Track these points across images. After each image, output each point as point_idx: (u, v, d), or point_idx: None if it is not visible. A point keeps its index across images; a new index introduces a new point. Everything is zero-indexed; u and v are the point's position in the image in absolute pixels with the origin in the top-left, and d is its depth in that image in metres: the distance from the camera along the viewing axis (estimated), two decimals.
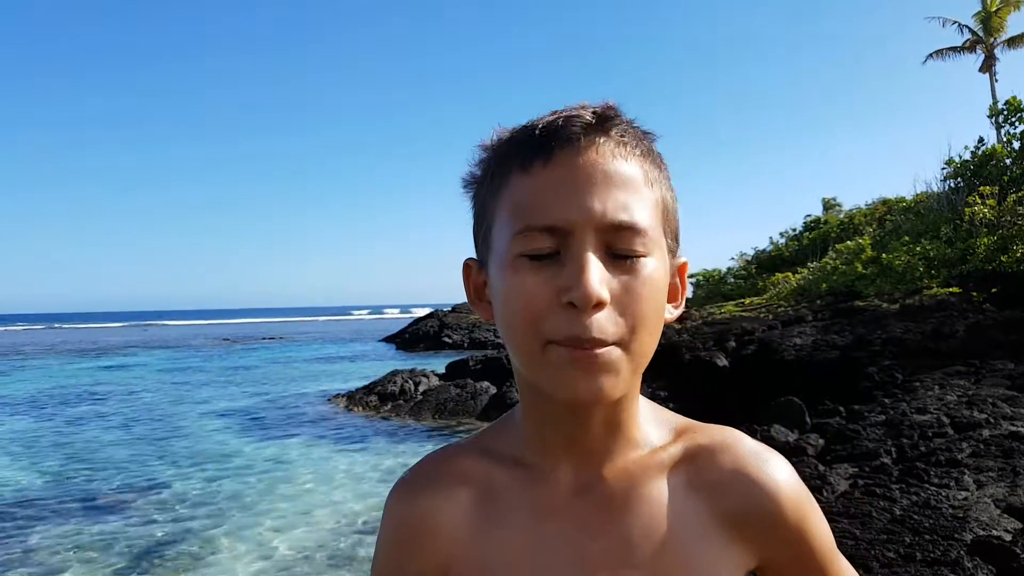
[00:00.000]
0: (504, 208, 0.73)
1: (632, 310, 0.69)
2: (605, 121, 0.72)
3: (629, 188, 0.71)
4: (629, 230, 0.69)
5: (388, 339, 40.46)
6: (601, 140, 0.71)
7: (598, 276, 0.67)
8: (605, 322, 0.67)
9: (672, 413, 0.86)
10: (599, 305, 0.66)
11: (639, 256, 0.70)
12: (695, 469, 0.79)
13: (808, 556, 0.80)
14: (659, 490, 0.78)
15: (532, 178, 0.71)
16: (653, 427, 0.82)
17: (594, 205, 0.68)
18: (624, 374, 0.69)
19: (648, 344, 0.71)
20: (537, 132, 0.72)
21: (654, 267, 0.71)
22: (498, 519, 0.79)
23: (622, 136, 0.72)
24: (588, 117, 0.71)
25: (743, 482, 0.78)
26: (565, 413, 0.76)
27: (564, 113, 0.72)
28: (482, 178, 0.79)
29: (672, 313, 0.78)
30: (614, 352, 0.68)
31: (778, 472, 0.79)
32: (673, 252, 0.78)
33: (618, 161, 0.71)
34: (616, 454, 0.79)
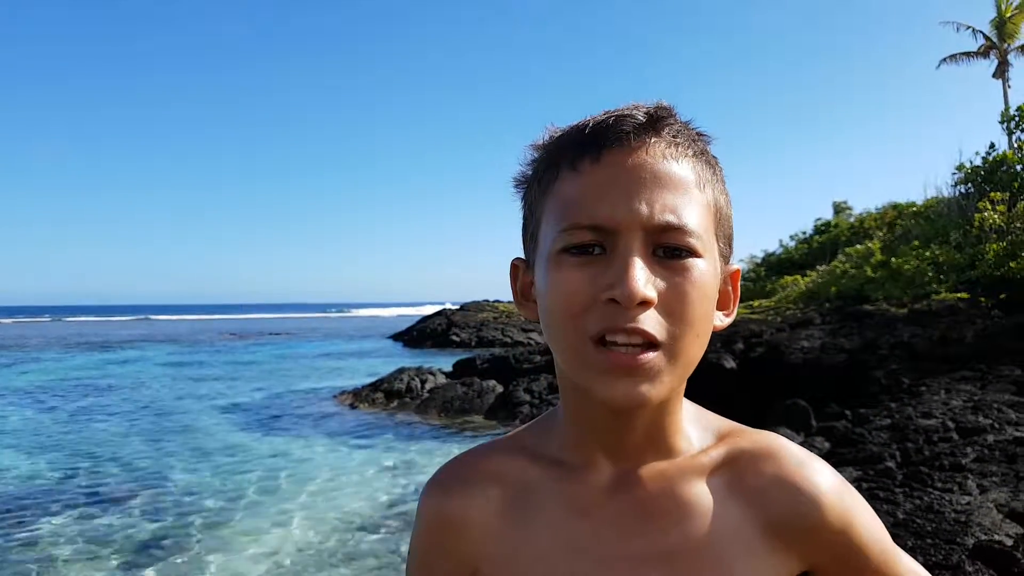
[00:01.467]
0: (552, 206, 0.73)
1: (679, 312, 0.67)
2: (657, 121, 0.71)
3: (679, 190, 0.70)
4: (677, 232, 0.68)
5: (395, 336, 40.51)
6: (652, 140, 0.71)
7: (643, 275, 0.66)
8: (649, 321, 0.66)
9: (716, 416, 0.84)
10: (644, 304, 0.65)
11: (688, 256, 0.69)
12: (737, 474, 0.77)
13: (860, 556, 0.77)
14: (698, 494, 0.76)
15: (581, 177, 0.70)
16: (695, 429, 0.80)
17: (642, 206, 0.68)
18: (666, 380, 0.68)
19: (694, 350, 0.70)
20: (588, 131, 0.71)
21: (704, 269, 0.69)
22: (531, 517, 0.78)
23: (674, 137, 0.72)
24: (640, 117, 0.71)
25: (785, 489, 0.76)
26: (606, 414, 0.75)
27: (616, 112, 0.72)
28: (532, 177, 0.78)
29: (723, 321, 0.77)
30: (658, 359, 0.67)
31: (821, 478, 0.77)
32: (726, 257, 0.77)
33: (669, 162, 0.70)
34: (658, 455, 0.77)
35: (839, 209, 35.85)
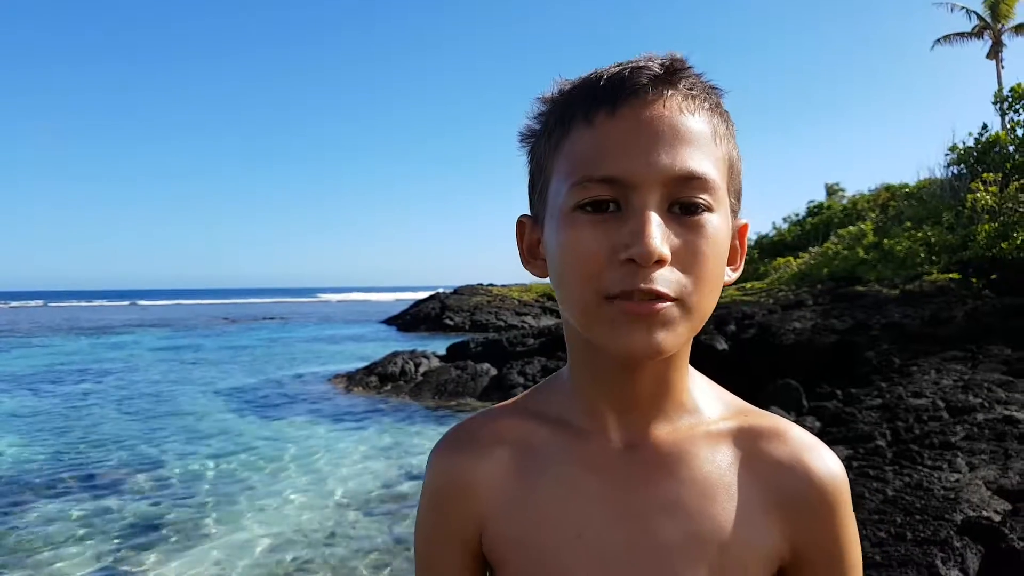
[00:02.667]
0: (564, 161, 0.71)
1: (694, 268, 0.68)
2: (673, 73, 0.70)
3: (697, 143, 0.69)
4: (696, 184, 0.68)
5: (388, 320, 40.44)
6: (669, 93, 0.69)
7: (660, 233, 0.65)
8: (665, 279, 0.66)
9: (729, 393, 0.85)
10: (660, 262, 0.65)
11: (704, 211, 0.68)
12: (746, 448, 0.78)
13: (837, 560, 0.77)
14: (708, 458, 0.77)
15: (595, 130, 0.69)
16: (709, 400, 0.81)
17: (660, 159, 0.67)
18: (681, 330, 0.68)
19: (707, 303, 0.70)
20: (602, 83, 0.70)
21: (718, 224, 0.69)
22: (538, 475, 0.79)
23: (691, 89, 0.71)
24: (656, 69, 0.69)
25: (792, 470, 0.77)
26: (616, 369, 0.75)
27: (630, 64, 0.70)
28: (541, 131, 0.77)
29: (731, 276, 0.77)
30: (673, 308, 0.67)
31: (832, 465, 0.78)
32: (736, 212, 0.76)
33: (686, 115, 0.69)
34: (665, 417, 0.78)
35: (832, 191, 35.93)
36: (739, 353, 11.78)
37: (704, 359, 11.97)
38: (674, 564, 0.73)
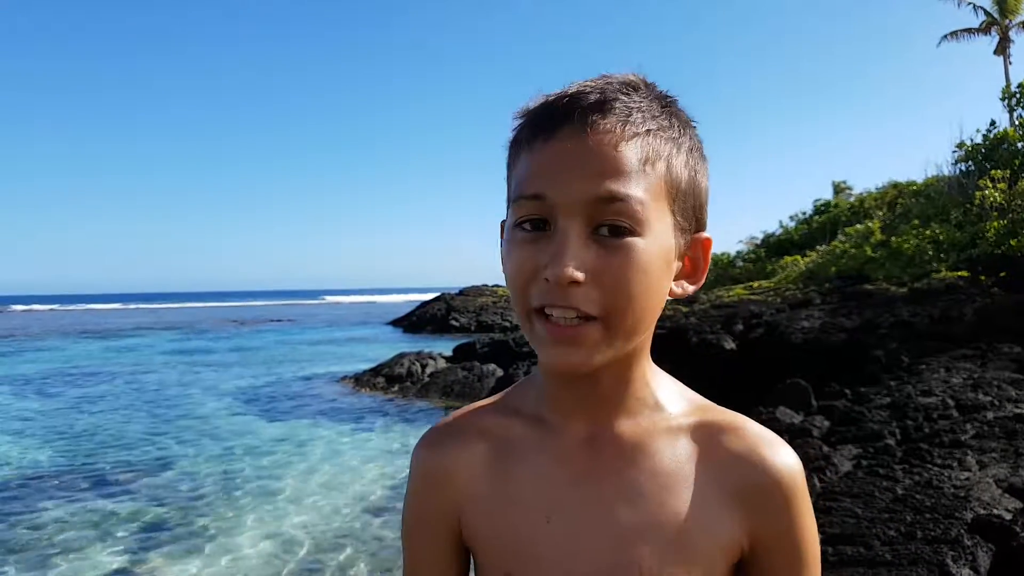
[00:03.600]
0: (512, 181, 0.78)
1: (616, 289, 0.71)
2: (606, 103, 0.73)
3: (623, 169, 0.71)
4: (616, 208, 0.71)
5: (395, 322, 40.53)
6: (601, 122, 0.72)
7: (574, 255, 0.70)
8: (580, 299, 0.70)
9: (692, 392, 0.89)
10: (574, 283, 0.70)
11: (627, 234, 0.71)
12: (705, 441, 0.82)
13: (794, 550, 0.80)
14: (669, 451, 0.81)
15: (533, 154, 0.74)
16: (671, 397, 0.85)
17: (581, 183, 0.71)
18: (605, 349, 0.73)
19: (635, 320, 0.74)
20: (544, 111, 0.75)
21: (644, 247, 0.72)
22: (512, 465, 0.84)
23: (625, 117, 0.73)
24: (592, 97, 0.73)
25: (753, 462, 0.80)
26: (560, 375, 0.81)
27: (571, 91, 0.74)
28: (510, 146, 0.82)
29: (688, 288, 0.81)
30: (594, 328, 0.72)
31: (788, 458, 0.81)
32: (684, 229, 0.78)
33: (612, 144, 0.72)
34: (626, 412, 0.82)
35: (839, 189, 35.77)
36: (747, 352, 11.75)
37: (712, 359, 11.97)
38: (635, 548, 0.77)
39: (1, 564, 6.31)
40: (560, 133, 0.73)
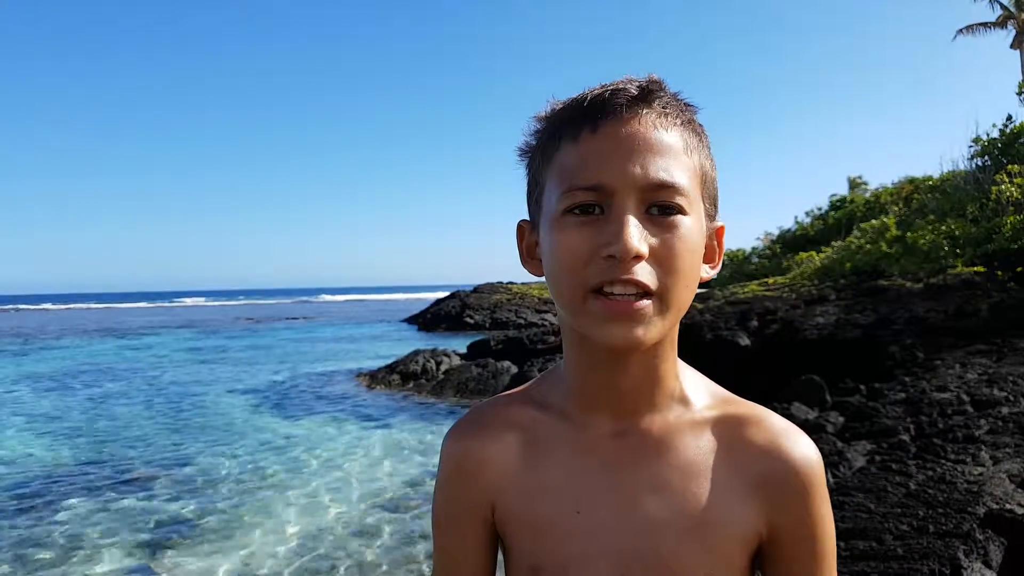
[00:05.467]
0: (555, 173, 0.80)
1: (669, 264, 0.75)
2: (648, 94, 0.79)
3: (668, 155, 0.77)
4: (668, 190, 0.76)
5: (409, 319, 40.61)
6: (644, 111, 0.78)
7: (637, 232, 0.74)
8: (643, 273, 0.74)
9: (716, 384, 0.92)
10: (638, 258, 0.73)
11: (678, 213, 0.76)
12: (728, 434, 0.85)
13: (811, 538, 0.83)
14: (694, 443, 0.84)
15: (580, 145, 0.78)
16: (696, 390, 0.88)
17: (635, 169, 0.75)
18: (658, 323, 0.76)
19: (683, 296, 0.78)
20: (586, 104, 0.79)
21: (691, 225, 0.77)
22: (541, 457, 0.87)
23: (664, 108, 0.79)
24: (633, 90, 0.78)
25: (774, 453, 0.83)
26: (606, 359, 0.83)
27: (611, 87, 0.79)
28: (536, 147, 0.86)
29: (708, 272, 0.85)
30: (651, 304, 0.75)
31: (808, 450, 0.84)
32: (711, 216, 0.84)
33: (659, 131, 0.77)
34: (654, 406, 0.85)
35: (854, 184, 35.56)
36: (762, 348, 11.73)
37: (727, 355, 11.94)
38: (661, 538, 0.81)
39: (22, 560, 6.40)
40: (608, 123, 0.77)
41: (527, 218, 0.90)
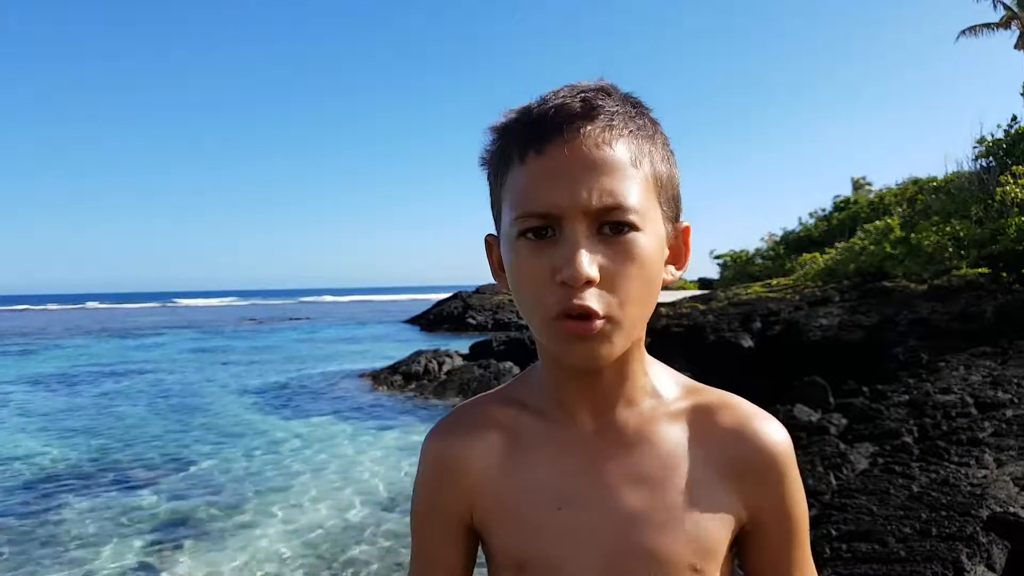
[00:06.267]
0: (508, 195, 0.80)
1: (621, 286, 0.76)
2: (591, 109, 0.77)
3: (615, 172, 0.76)
4: (616, 211, 0.75)
5: (411, 320, 40.63)
6: (587, 128, 0.76)
7: (587, 258, 0.73)
8: (595, 299, 0.74)
9: (683, 376, 0.93)
10: (589, 283, 0.74)
11: (629, 230, 0.76)
12: (701, 422, 0.87)
13: (787, 517, 0.86)
14: (668, 435, 0.86)
15: (527, 168, 0.77)
16: (666, 384, 0.90)
17: (582, 192, 0.74)
18: (617, 340, 0.77)
19: (637, 314, 0.78)
20: (531, 123, 0.78)
21: (645, 242, 0.77)
22: (522, 456, 0.88)
23: (609, 121, 0.77)
24: (576, 107, 0.77)
25: (744, 437, 0.85)
26: (578, 372, 0.84)
27: (554, 101, 0.78)
28: (491, 163, 0.85)
29: (675, 274, 0.85)
30: (606, 325, 0.75)
31: (777, 433, 0.87)
32: (672, 218, 0.83)
33: (603, 148, 0.76)
34: (629, 403, 0.87)
35: (858, 185, 35.56)
36: (765, 350, 11.72)
37: (730, 356, 11.94)
38: (643, 530, 0.82)
39: (26, 559, 6.41)
40: (552, 144, 0.76)
41: (493, 232, 0.89)
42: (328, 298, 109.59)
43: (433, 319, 37.44)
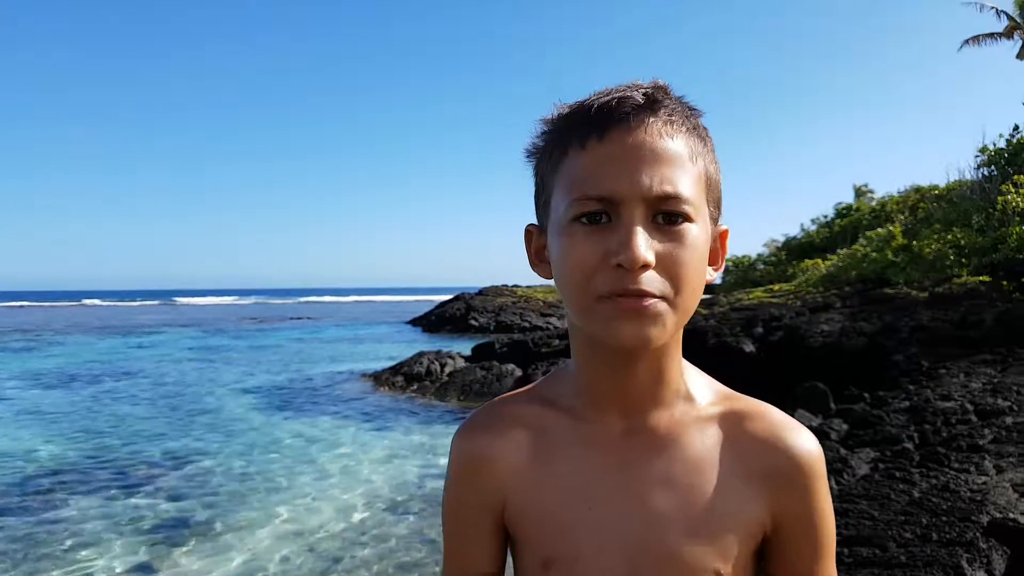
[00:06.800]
0: (562, 180, 0.81)
1: (676, 272, 0.77)
2: (654, 102, 0.80)
3: (675, 163, 0.78)
4: (674, 200, 0.77)
5: (414, 321, 40.63)
6: (650, 119, 0.79)
7: (645, 242, 0.75)
8: (650, 282, 0.75)
9: (719, 383, 0.94)
10: (645, 267, 0.75)
11: (684, 221, 0.78)
12: (733, 428, 0.87)
13: (813, 529, 0.86)
14: (699, 440, 0.86)
15: (587, 153, 0.79)
16: (699, 388, 0.91)
17: (642, 179, 0.76)
18: (668, 323, 0.78)
19: (690, 301, 0.79)
20: (593, 112, 0.79)
21: (697, 233, 0.79)
22: (551, 456, 0.89)
23: (669, 115, 0.80)
24: (639, 98, 0.79)
25: (776, 446, 0.86)
26: (615, 361, 0.85)
27: (617, 93, 0.79)
28: (543, 151, 0.87)
29: (712, 275, 0.86)
30: (659, 304, 0.76)
31: (809, 443, 0.87)
32: (715, 220, 0.86)
33: (665, 139, 0.78)
34: (661, 405, 0.87)
35: (860, 193, 35.57)
36: (767, 355, 11.74)
37: (732, 361, 11.94)
38: (669, 533, 0.83)
39: (24, 557, 6.42)
40: (615, 131, 0.78)
41: (534, 222, 0.91)
42: (330, 298, 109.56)
43: (435, 320, 37.46)
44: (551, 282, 0.87)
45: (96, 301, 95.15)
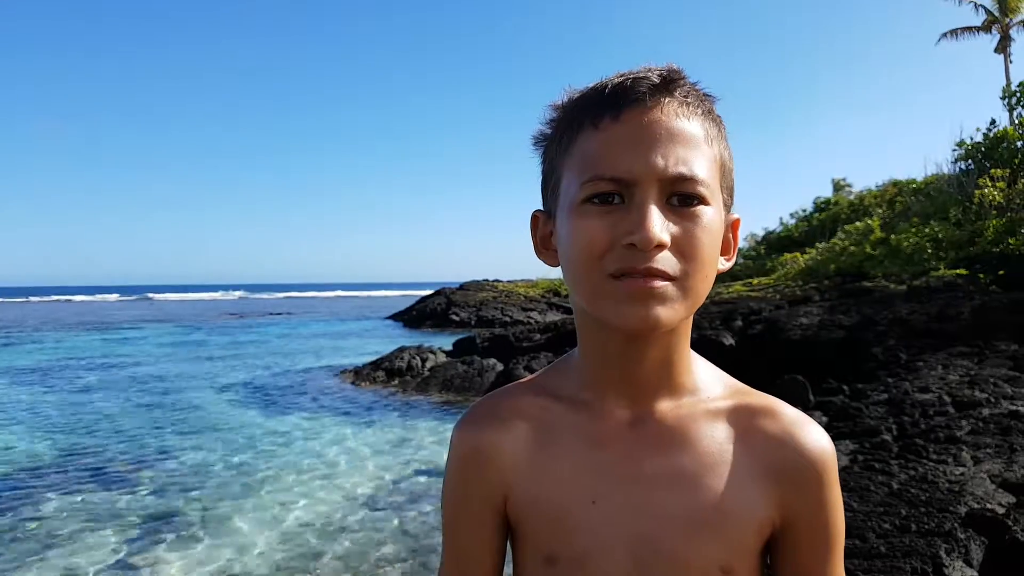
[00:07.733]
0: (574, 160, 0.79)
1: (690, 253, 0.75)
2: (670, 83, 0.78)
3: (690, 144, 0.76)
4: (690, 181, 0.75)
5: (394, 316, 40.49)
6: (666, 100, 0.77)
7: (660, 222, 0.73)
8: (664, 261, 0.74)
9: (729, 376, 0.92)
10: (659, 247, 0.73)
11: (699, 203, 0.76)
12: (742, 423, 0.85)
13: (823, 526, 0.84)
14: (708, 433, 0.84)
15: (601, 133, 0.77)
16: (710, 380, 0.89)
17: (657, 159, 0.74)
18: (678, 307, 0.76)
19: (702, 286, 0.77)
20: (607, 92, 0.78)
21: (712, 215, 0.77)
22: (554, 447, 0.86)
23: (685, 97, 0.78)
24: (655, 79, 0.77)
25: (788, 443, 0.84)
26: (622, 347, 0.82)
27: (632, 75, 0.78)
28: (552, 135, 0.85)
29: (724, 265, 0.84)
30: (670, 287, 0.74)
31: (821, 439, 0.85)
32: (728, 207, 0.84)
33: (681, 120, 0.77)
34: (669, 395, 0.85)
35: (838, 187, 35.82)
36: (746, 348, 11.79)
37: (711, 354, 11.94)
38: (676, 527, 0.81)
39: (2, 554, 6.34)
40: (631, 111, 0.76)
41: (541, 208, 0.89)
42: (310, 293, 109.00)
43: (416, 315, 37.35)
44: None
45: (71, 297, 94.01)
